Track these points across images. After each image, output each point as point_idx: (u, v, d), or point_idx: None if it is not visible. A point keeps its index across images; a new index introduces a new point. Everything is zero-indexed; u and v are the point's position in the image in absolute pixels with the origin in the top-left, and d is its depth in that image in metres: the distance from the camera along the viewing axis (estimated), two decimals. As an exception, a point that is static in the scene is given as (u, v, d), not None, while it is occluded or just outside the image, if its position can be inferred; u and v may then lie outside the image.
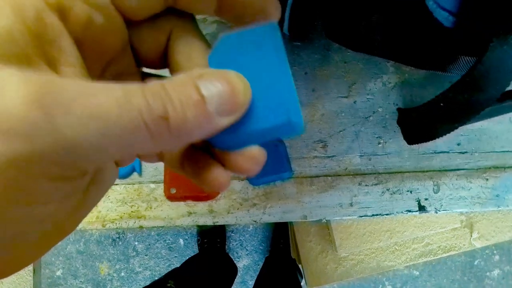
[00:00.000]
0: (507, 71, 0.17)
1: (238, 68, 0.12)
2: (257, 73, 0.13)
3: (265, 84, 0.12)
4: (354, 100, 0.38)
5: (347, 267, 0.67)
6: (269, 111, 0.12)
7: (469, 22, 0.17)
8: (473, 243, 0.68)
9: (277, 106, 0.12)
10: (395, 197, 0.37)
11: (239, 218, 0.36)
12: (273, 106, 0.12)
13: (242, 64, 0.13)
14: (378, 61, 0.38)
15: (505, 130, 0.38)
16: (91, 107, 0.09)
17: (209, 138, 0.12)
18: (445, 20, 0.17)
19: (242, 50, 0.13)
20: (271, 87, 0.12)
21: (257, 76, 0.13)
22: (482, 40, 0.16)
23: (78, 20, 0.12)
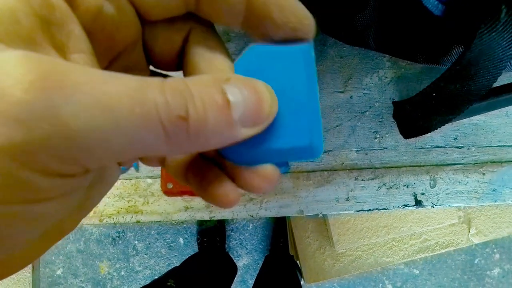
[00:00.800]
0: (497, 59, 0.17)
1: (265, 80, 0.12)
2: (284, 90, 0.12)
3: (291, 103, 0.12)
4: (351, 95, 0.38)
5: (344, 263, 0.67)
6: (291, 131, 0.12)
7: (457, 10, 0.17)
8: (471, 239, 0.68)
9: (300, 128, 0.12)
10: (391, 191, 0.37)
11: (235, 213, 0.37)
12: (296, 127, 0.12)
13: (270, 77, 0.12)
14: (374, 55, 0.38)
15: (502, 124, 0.38)
16: (99, 95, 0.08)
17: (224, 149, 0.12)
18: (435, 8, 0.17)
19: (271, 64, 0.13)
20: (297, 107, 0.12)
21: (284, 93, 0.12)
22: (471, 28, 0.16)
23: (88, 8, 0.11)
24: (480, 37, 0.15)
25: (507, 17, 0.15)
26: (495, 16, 0.15)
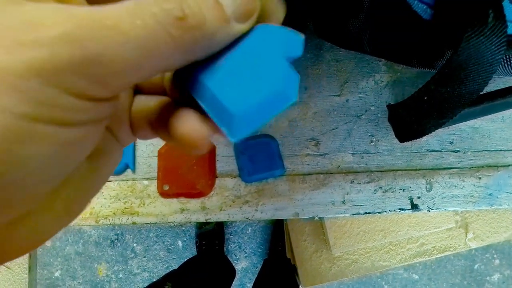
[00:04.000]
0: (486, 63, 0.17)
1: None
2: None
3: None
4: (347, 99, 0.38)
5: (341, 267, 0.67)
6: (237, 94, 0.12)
7: (445, 14, 0.17)
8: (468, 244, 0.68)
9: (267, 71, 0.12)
10: (387, 195, 0.37)
11: (231, 215, 0.37)
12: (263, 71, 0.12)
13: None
14: (370, 60, 0.39)
15: (498, 128, 0.39)
16: (102, 19, 0.09)
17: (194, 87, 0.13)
18: (424, 12, 0.17)
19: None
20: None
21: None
22: (459, 32, 0.16)
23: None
24: (467, 41, 0.16)
25: (494, 21, 0.15)
26: (482, 20, 0.15)
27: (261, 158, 0.36)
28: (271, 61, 0.12)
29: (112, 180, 0.37)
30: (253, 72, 0.12)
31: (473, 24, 0.15)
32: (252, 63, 0.12)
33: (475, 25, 0.15)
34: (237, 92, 0.12)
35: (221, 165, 0.37)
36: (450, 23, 0.17)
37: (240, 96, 0.12)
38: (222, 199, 0.37)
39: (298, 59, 0.39)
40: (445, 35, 0.19)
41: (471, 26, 0.15)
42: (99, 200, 0.37)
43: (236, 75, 0.12)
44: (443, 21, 0.17)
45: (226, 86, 0.12)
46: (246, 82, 0.12)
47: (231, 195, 0.37)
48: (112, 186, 0.37)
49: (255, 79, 0.12)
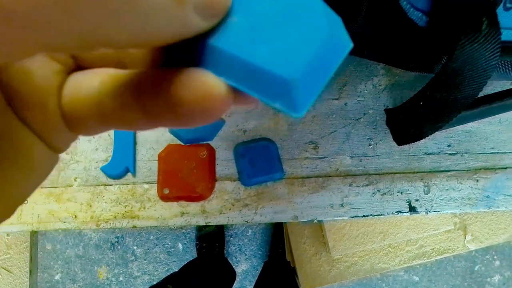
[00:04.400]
0: (480, 69, 0.17)
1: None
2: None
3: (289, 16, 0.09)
4: (345, 102, 0.39)
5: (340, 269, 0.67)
6: (274, 50, 0.09)
7: (440, 22, 0.17)
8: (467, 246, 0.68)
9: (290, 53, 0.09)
10: (385, 198, 0.37)
11: (231, 218, 0.37)
12: (284, 49, 0.09)
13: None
14: (369, 63, 0.39)
15: (495, 131, 0.39)
16: None
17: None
18: (419, 20, 0.18)
19: None
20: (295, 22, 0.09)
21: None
22: (454, 39, 0.16)
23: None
24: (462, 48, 0.16)
25: (488, 28, 0.16)
26: (476, 28, 0.16)
27: (260, 161, 0.36)
28: (304, 2, 0.09)
29: (113, 184, 0.38)
30: (287, 19, 0.09)
31: (467, 32, 0.16)
32: (280, 7, 0.09)
33: (469, 32, 0.15)
34: (279, 51, 0.09)
35: (221, 168, 0.38)
36: (445, 30, 0.18)
37: (286, 55, 0.09)
38: (222, 203, 0.37)
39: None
40: (441, 41, 0.19)
41: (465, 34, 0.16)
42: (99, 204, 0.37)
43: (267, 28, 0.09)
44: (438, 28, 0.18)
45: (261, 48, 0.09)
46: (285, 35, 0.09)
47: (230, 199, 0.37)
48: (113, 190, 0.37)
49: (295, 28, 0.09)
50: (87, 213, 0.37)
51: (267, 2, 0.09)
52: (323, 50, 0.09)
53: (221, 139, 0.38)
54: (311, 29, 0.09)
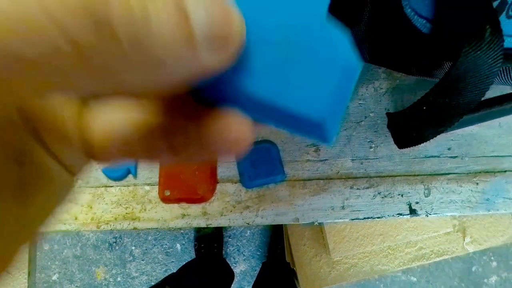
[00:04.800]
0: (483, 76, 0.17)
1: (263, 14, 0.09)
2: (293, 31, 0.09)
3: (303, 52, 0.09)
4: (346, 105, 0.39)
5: (340, 271, 0.68)
6: (301, 92, 0.09)
7: (444, 29, 0.18)
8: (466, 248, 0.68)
9: (315, 93, 0.09)
10: (386, 200, 0.38)
11: (232, 220, 0.37)
12: (309, 90, 0.09)
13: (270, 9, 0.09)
14: (370, 67, 0.39)
15: (495, 135, 0.39)
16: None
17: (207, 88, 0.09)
18: (423, 27, 0.18)
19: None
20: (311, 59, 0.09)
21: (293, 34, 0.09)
22: (457, 46, 0.17)
23: None
24: (465, 55, 0.16)
25: (491, 36, 0.16)
26: (479, 35, 0.16)
27: (262, 164, 0.36)
28: (315, 30, 0.09)
29: (114, 186, 0.38)
30: (301, 51, 0.09)
31: (471, 39, 0.16)
32: (292, 35, 0.09)
33: (473, 40, 0.16)
34: (304, 91, 0.09)
35: (222, 170, 0.38)
36: (448, 37, 0.18)
37: (310, 95, 0.09)
38: (223, 204, 0.37)
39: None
40: (444, 48, 0.19)
41: (468, 41, 0.16)
42: (100, 205, 0.37)
43: (286, 63, 0.09)
44: (441, 35, 0.18)
45: (286, 89, 0.09)
46: (303, 71, 0.09)
47: (232, 201, 0.37)
48: (114, 191, 0.37)
49: (311, 61, 0.09)
50: (87, 214, 0.37)
51: (278, 30, 0.09)
52: (341, 80, 0.09)
53: (222, 141, 0.38)
54: (327, 60, 0.09)
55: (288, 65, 0.09)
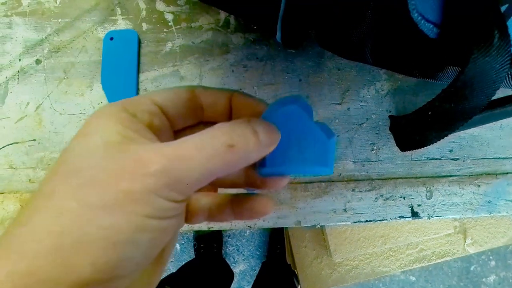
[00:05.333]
0: (490, 81, 0.17)
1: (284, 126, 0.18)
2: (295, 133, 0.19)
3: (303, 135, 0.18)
4: (348, 107, 0.39)
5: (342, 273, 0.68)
6: (313, 157, 0.18)
7: (451, 34, 0.17)
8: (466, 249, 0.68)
9: (319, 156, 0.18)
10: (388, 203, 0.37)
11: (233, 223, 0.37)
12: (316, 155, 0.18)
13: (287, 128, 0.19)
14: (371, 68, 0.39)
15: (497, 136, 0.39)
16: (181, 154, 0.15)
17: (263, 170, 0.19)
18: (430, 31, 0.18)
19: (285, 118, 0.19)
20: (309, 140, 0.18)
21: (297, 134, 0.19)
22: (464, 51, 0.16)
23: (145, 121, 0.18)
24: (474, 61, 0.16)
25: (500, 42, 0.16)
26: (488, 41, 0.15)
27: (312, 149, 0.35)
28: (310, 135, 0.18)
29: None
30: (303, 142, 0.18)
31: (480, 45, 0.15)
32: (302, 142, 0.18)
33: (482, 46, 0.15)
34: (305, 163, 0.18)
35: (223, 173, 0.37)
36: (455, 42, 0.18)
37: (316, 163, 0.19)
38: (224, 208, 0.37)
39: (299, 67, 0.39)
40: (450, 53, 0.19)
41: (477, 47, 0.16)
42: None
43: (299, 152, 0.18)
44: (449, 40, 0.18)
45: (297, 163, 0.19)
46: (304, 154, 0.18)
47: (233, 204, 0.37)
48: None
49: (312, 145, 0.18)
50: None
51: (287, 131, 0.18)
52: (331, 148, 0.19)
53: (223, 144, 0.38)
54: (321, 141, 0.19)
55: (296, 148, 0.18)
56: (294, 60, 0.39)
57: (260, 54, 0.40)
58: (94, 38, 0.40)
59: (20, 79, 0.40)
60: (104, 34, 0.40)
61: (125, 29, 0.40)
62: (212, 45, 0.40)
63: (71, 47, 0.40)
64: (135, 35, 0.39)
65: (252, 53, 0.40)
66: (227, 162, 0.15)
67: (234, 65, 0.39)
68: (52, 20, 0.41)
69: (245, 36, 0.40)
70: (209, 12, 0.41)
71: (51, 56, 0.40)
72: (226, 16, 0.41)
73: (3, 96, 0.39)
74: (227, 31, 0.40)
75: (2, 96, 0.39)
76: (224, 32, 0.40)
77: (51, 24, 0.41)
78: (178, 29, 0.40)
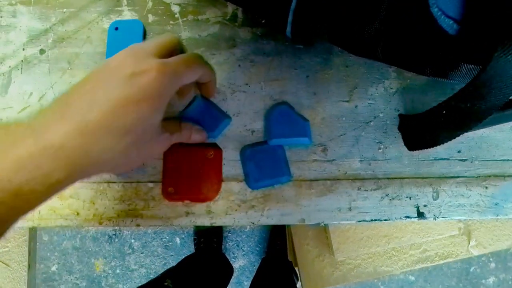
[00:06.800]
0: (509, 81, 0.17)
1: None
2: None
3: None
4: (355, 105, 0.38)
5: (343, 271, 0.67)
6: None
7: (474, 31, 0.17)
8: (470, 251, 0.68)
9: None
10: (394, 202, 0.37)
11: (237, 220, 0.36)
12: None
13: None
14: (380, 66, 0.38)
15: (506, 138, 0.38)
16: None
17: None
18: (450, 27, 0.17)
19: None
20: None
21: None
22: (486, 49, 0.16)
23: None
24: (497, 60, 0.15)
25: (523, 40, 0.15)
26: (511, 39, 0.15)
27: (267, 164, 0.35)
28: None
29: (116, 182, 0.37)
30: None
31: (504, 43, 0.15)
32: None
33: (506, 43, 0.15)
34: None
35: (227, 169, 0.37)
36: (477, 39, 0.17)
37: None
38: (228, 204, 0.36)
39: (307, 63, 0.38)
40: (471, 50, 0.18)
41: (502, 45, 0.15)
42: (103, 201, 0.37)
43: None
44: (470, 37, 0.17)
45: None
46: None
47: (236, 200, 0.36)
48: (117, 188, 0.37)
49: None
50: (89, 210, 0.36)
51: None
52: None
53: (228, 140, 0.37)
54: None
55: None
56: (302, 56, 0.39)
57: (268, 49, 0.39)
58: (99, 29, 0.40)
59: (24, 68, 0.39)
60: (109, 25, 0.39)
61: (131, 19, 0.40)
62: (219, 39, 0.39)
63: (76, 38, 0.40)
64: (141, 26, 0.39)
65: (259, 48, 0.39)
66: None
67: (240, 59, 0.39)
68: (57, 9, 0.40)
69: (252, 31, 0.39)
70: (216, 5, 0.40)
71: (55, 46, 0.40)
72: (233, 10, 0.40)
73: (6, 86, 0.39)
74: (234, 25, 0.40)
75: (5, 85, 0.39)
76: (231, 26, 0.40)
77: (55, 13, 0.40)
78: (184, 21, 0.40)
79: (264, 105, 0.38)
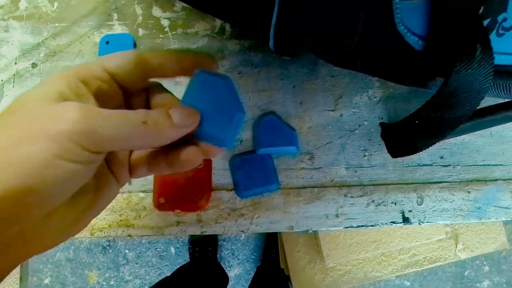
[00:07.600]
0: (474, 92, 0.18)
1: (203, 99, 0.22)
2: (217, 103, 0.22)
3: (221, 110, 0.22)
4: (341, 114, 0.39)
5: (334, 278, 0.68)
6: (218, 127, 0.21)
7: (437, 47, 0.18)
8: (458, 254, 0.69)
9: (222, 127, 0.21)
10: (380, 208, 0.38)
11: (227, 228, 0.37)
12: (221, 126, 0.21)
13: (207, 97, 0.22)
14: (364, 75, 0.40)
15: (486, 143, 0.40)
16: (111, 119, 0.18)
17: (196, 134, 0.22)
18: (416, 44, 0.18)
19: (207, 90, 0.22)
20: (224, 113, 0.22)
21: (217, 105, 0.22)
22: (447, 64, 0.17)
23: (93, 86, 0.21)
24: (457, 73, 0.16)
25: (482, 54, 0.16)
26: (470, 54, 0.16)
27: (256, 173, 0.36)
28: (226, 103, 0.22)
29: (108, 192, 0.37)
30: (221, 113, 0.22)
31: (462, 58, 0.16)
32: (219, 109, 0.22)
33: (464, 58, 0.16)
34: (220, 127, 0.21)
35: (217, 178, 0.38)
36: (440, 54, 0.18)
37: (222, 129, 0.21)
38: (218, 212, 0.37)
39: (294, 74, 0.39)
40: (436, 64, 0.19)
41: (460, 60, 0.16)
42: (94, 212, 0.37)
43: (215, 119, 0.22)
44: (433, 52, 0.18)
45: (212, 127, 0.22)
46: (222, 121, 0.21)
47: (226, 208, 0.37)
48: (108, 198, 0.37)
49: (227, 112, 0.21)
50: (81, 221, 0.37)
51: (208, 100, 0.22)
52: (234, 124, 0.22)
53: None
54: (230, 117, 0.22)
55: (216, 119, 0.22)
56: (289, 67, 0.40)
57: (255, 60, 0.40)
58: (91, 43, 0.41)
59: (16, 82, 0.40)
60: (100, 39, 0.40)
61: (121, 33, 0.41)
62: (208, 51, 0.40)
63: (68, 51, 0.41)
64: (131, 39, 0.40)
65: (247, 60, 0.40)
66: (139, 134, 0.19)
67: (229, 71, 0.40)
68: (49, 24, 0.41)
69: (240, 43, 0.41)
70: (205, 18, 0.41)
71: (47, 60, 0.40)
72: (221, 23, 0.41)
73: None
74: (223, 38, 0.41)
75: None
76: (219, 39, 0.41)
77: (47, 28, 0.41)
78: (174, 35, 0.41)
79: (252, 115, 0.39)
